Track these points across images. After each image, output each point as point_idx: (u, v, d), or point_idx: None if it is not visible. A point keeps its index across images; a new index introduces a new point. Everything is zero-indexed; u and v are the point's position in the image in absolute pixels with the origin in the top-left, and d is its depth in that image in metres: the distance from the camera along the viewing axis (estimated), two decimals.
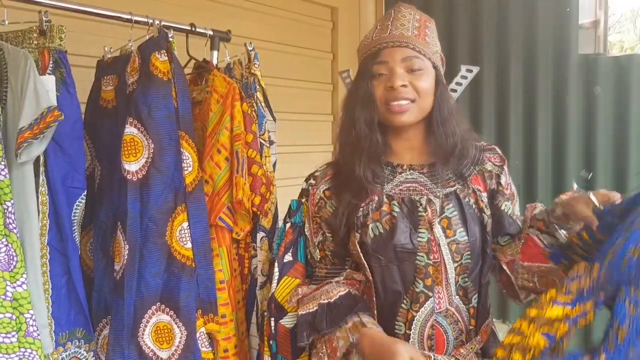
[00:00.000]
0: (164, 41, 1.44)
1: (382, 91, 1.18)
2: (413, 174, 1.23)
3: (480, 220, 1.21)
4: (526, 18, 2.60)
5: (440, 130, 1.20)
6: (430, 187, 1.20)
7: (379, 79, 1.19)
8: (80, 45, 1.68)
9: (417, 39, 1.19)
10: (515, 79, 2.64)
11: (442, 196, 1.19)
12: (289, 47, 2.61)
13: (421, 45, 1.18)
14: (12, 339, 1.22)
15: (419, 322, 1.16)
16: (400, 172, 1.23)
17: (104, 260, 1.50)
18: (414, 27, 1.20)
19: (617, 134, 2.48)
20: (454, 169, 1.21)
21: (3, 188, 1.22)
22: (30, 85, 1.26)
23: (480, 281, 1.22)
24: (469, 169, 1.23)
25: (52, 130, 1.28)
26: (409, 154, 1.25)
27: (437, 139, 1.21)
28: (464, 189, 1.21)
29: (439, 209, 1.18)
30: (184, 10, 2.04)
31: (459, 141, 1.21)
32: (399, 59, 1.17)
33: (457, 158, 1.21)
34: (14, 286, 1.23)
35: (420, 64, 1.18)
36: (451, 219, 1.18)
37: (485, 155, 1.27)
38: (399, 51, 1.17)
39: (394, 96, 1.17)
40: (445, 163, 1.20)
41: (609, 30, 2.76)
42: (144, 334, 1.40)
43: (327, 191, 1.27)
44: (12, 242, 1.23)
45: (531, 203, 1.31)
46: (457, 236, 1.17)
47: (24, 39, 1.37)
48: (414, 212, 1.18)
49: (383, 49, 1.18)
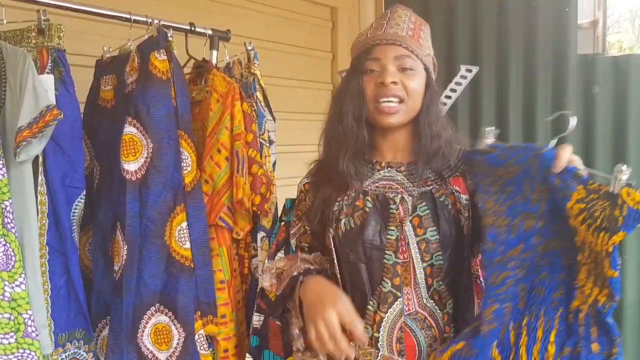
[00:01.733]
0: (163, 41, 1.44)
1: (373, 87, 1.18)
2: (391, 172, 1.23)
3: (455, 221, 1.18)
4: (525, 18, 2.60)
5: (427, 131, 1.20)
6: (406, 185, 1.20)
7: (370, 75, 1.19)
8: (79, 45, 1.68)
9: (411, 39, 1.19)
10: (515, 79, 2.64)
11: (417, 195, 1.19)
12: (288, 46, 2.61)
13: (414, 46, 1.18)
14: (10, 340, 1.21)
15: (388, 324, 1.15)
16: (378, 170, 1.23)
17: (103, 261, 1.49)
18: (408, 27, 1.20)
19: (616, 134, 2.48)
20: (435, 169, 1.21)
21: (1, 187, 1.22)
22: (29, 84, 1.25)
23: (457, 286, 1.19)
24: (450, 171, 1.22)
25: (51, 130, 1.28)
26: (392, 152, 1.25)
27: (421, 140, 1.20)
28: (440, 189, 1.20)
29: (411, 208, 1.17)
30: (183, 10, 2.04)
31: (443, 144, 1.21)
32: (391, 57, 1.17)
33: (439, 160, 1.21)
34: (12, 286, 1.22)
35: (412, 63, 1.18)
36: (422, 218, 1.17)
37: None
38: (391, 49, 1.17)
39: (384, 92, 1.17)
40: (427, 163, 1.20)
41: (608, 30, 2.77)
42: (143, 335, 1.39)
43: (307, 184, 1.29)
44: (10, 242, 1.22)
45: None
46: (428, 235, 1.16)
47: (23, 38, 1.36)
48: (385, 209, 1.17)
49: (376, 46, 1.18)
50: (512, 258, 1.06)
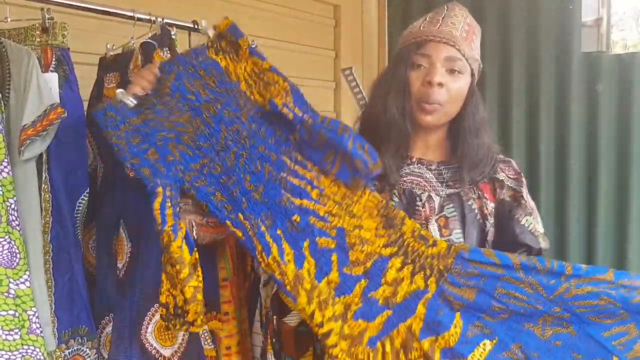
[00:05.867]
0: (166, 39, 1.44)
1: (418, 85, 1.16)
2: (421, 169, 1.22)
3: (481, 227, 1.19)
4: (529, 15, 2.59)
5: (473, 140, 1.19)
6: (434, 184, 1.20)
7: (418, 70, 1.17)
8: (83, 43, 1.68)
9: (464, 41, 1.17)
10: (518, 77, 2.63)
11: (445, 195, 1.18)
12: (291, 44, 2.61)
13: (466, 49, 1.16)
14: (15, 336, 1.22)
15: None
16: (408, 164, 1.22)
17: (106, 258, 1.49)
18: (463, 29, 1.18)
19: (620, 132, 2.47)
20: (473, 176, 1.20)
21: (6, 185, 1.22)
22: (33, 82, 1.26)
23: None
24: (481, 176, 1.22)
25: (55, 128, 1.28)
26: (423, 149, 1.24)
27: (465, 148, 1.19)
28: (468, 193, 1.19)
29: (438, 207, 1.17)
30: (186, 8, 2.04)
31: (487, 152, 1.20)
32: (442, 56, 1.15)
33: (482, 167, 1.20)
34: (17, 283, 1.23)
35: (461, 66, 1.16)
36: (449, 219, 1.16)
37: (499, 166, 1.26)
38: (444, 48, 1.15)
39: (428, 94, 1.15)
40: (470, 170, 1.19)
41: (612, 28, 2.76)
42: (147, 332, 1.40)
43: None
44: (15, 239, 1.23)
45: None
46: (453, 236, 1.15)
47: (27, 37, 1.37)
48: (411, 205, 1.17)
49: (429, 42, 1.16)
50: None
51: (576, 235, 2.54)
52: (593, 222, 2.53)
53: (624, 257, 2.49)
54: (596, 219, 2.52)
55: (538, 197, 2.58)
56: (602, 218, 2.51)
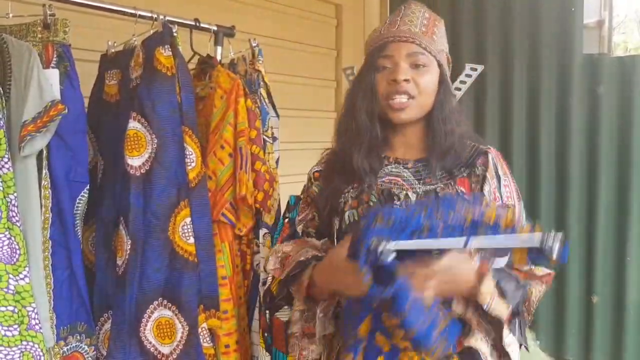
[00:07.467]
0: (168, 36, 1.44)
1: (385, 85, 1.19)
2: (398, 168, 1.23)
3: None
4: (531, 17, 2.60)
5: (440, 128, 1.20)
6: (411, 182, 1.21)
7: (383, 72, 1.19)
8: (84, 40, 1.68)
9: (424, 35, 1.19)
10: (519, 78, 2.63)
11: (421, 193, 1.19)
12: (293, 43, 2.61)
13: (427, 42, 1.18)
14: (14, 332, 1.22)
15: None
16: (386, 165, 1.24)
17: (106, 255, 1.49)
18: (422, 24, 1.20)
19: (621, 134, 2.48)
20: (446, 167, 1.21)
21: (7, 181, 1.22)
22: (34, 78, 1.26)
23: None
24: (460, 170, 1.22)
25: (55, 124, 1.28)
26: (403, 148, 1.25)
27: (434, 137, 1.21)
28: (445, 188, 1.20)
29: None
30: (188, 6, 2.04)
31: (456, 141, 1.21)
32: (404, 54, 1.17)
33: (452, 157, 1.21)
34: (17, 279, 1.23)
35: (424, 60, 1.18)
36: None
37: (479, 161, 1.25)
38: (404, 46, 1.17)
39: (396, 90, 1.17)
40: (439, 160, 1.20)
41: (614, 30, 2.76)
42: (146, 329, 1.40)
43: (317, 173, 1.29)
44: (15, 235, 1.23)
45: (533, 203, 1.29)
46: None
47: (28, 33, 1.37)
48: (389, 204, 1.18)
49: (389, 43, 1.18)
50: None
51: (576, 235, 2.54)
52: (593, 222, 2.53)
53: (624, 257, 2.49)
54: (596, 219, 2.52)
55: (538, 197, 2.59)
56: (602, 218, 2.51)
